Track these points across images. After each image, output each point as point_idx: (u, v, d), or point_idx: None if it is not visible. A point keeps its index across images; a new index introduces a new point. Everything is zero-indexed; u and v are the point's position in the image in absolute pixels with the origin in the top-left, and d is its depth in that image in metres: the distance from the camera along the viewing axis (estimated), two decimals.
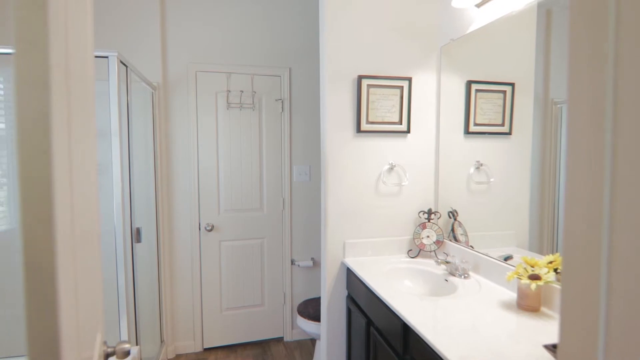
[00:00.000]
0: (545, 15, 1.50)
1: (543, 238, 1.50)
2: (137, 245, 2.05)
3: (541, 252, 1.50)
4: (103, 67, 1.70)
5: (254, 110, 2.81)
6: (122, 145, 1.79)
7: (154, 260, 2.57)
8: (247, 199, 2.84)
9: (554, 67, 1.44)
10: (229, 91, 2.75)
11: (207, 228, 2.75)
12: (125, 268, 1.79)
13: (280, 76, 2.84)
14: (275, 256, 2.93)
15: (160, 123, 2.62)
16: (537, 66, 1.52)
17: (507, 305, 1.41)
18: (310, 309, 2.49)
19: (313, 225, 2.98)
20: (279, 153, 2.89)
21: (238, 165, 2.81)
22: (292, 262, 2.95)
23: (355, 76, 1.97)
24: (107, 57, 1.72)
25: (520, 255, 1.56)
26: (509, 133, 1.67)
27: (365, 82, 1.95)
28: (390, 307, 1.44)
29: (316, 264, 2.99)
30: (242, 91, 2.77)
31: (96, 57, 1.71)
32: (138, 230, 2.01)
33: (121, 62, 1.82)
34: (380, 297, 1.53)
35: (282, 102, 2.85)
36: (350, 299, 1.97)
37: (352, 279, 1.93)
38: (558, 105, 1.43)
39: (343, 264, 2.03)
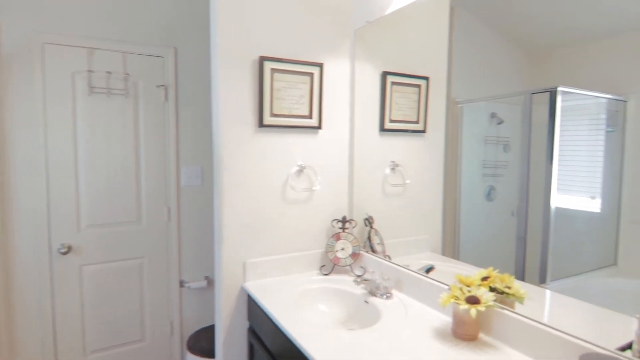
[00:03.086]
0: (449, 12, 1.38)
1: (447, 242, 1.43)
2: None
3: (444, 254, 1.43)
4: None
5: (127, 97, 2.24)
6: None
7: None
8: (120, 210, 2.25)
9: (455, 66, 1.36)
10: (92, 72, 2.14)
11: (62, 250, 2.10)
12: None
13: (162, 57, 2.32)
14: (158, 278, 2.39)
15: None
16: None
17: (441, 334, 1.19)
18: (204, 342, 2.04)
19: (207, 238, 2.52)
20: (162, 152, 2.35)
21: (106, 168, 2.21)
22: (181, 284, 2.44)
23: (257, 57, 1.60)
24: None
25: (437, 262, 1.45)
26: (424, 131, 1.54)
27: (268, 65, 1.59)
28: (301, 349, 1.11)
29: (211, 283, 2.54)
30: (109, 72, 2.17)
31: None
32: None
33: None
34: (288, 335, 1.19)
35: (165, 88, 2.32)
36: (253, 332, 1.60)
37: (254, 308, 1.56)
38: (459, 105, 1.35)
39: (243, 289, 1.64)
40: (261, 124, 1.61)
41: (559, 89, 1.03)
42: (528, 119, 1.12)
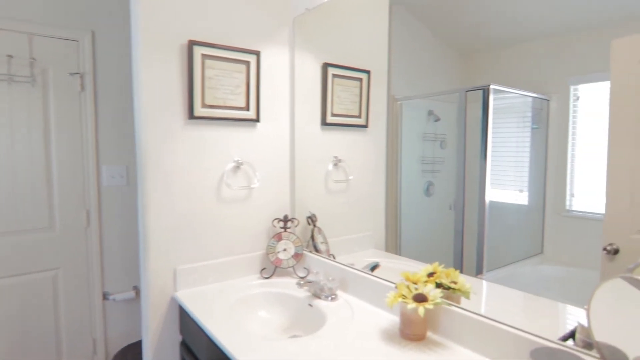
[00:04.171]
0: (389, 7, 1.36)
1: (390, 238, 1.42)
2: None
3: (388, 250, 1.40)
4: None
5: (34, 85, 1.94)
6: None
7: None
8: (27, 216, 1.95)
9: (394, 63, 1.35)
10: None
11: None
12: None
13: (77, 41, 2.05)
14: (77, 291, 2.12)
15: None
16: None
17: (388, 335, 1.13)
18: None
19: (135, 243, 2.28)
20: (78, 148, 2.08)
21: (8, 167, 1.90)
22: (105, 296, 2.19)
23: (185, 42, 1.44)
24: None
25: (381, 259, 1.43)
26: (366, 126, 1.51)
27: (198, 51, 1.44)
28: None
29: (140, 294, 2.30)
30: (10, 56, 1.87)
31: None
32: None
33: None
34: (223, 349, 1.07)
35: (81, 77, 2.06)
36: (186, 347, 1.44)
37: (186, 321, 1.40)
38: (398, 102, 1.35)
39: (174, 299, 1.48)
40: (191, 116, 1.46)
41: (492, 87, 1.07)
42: (463, 116, 1.14)
